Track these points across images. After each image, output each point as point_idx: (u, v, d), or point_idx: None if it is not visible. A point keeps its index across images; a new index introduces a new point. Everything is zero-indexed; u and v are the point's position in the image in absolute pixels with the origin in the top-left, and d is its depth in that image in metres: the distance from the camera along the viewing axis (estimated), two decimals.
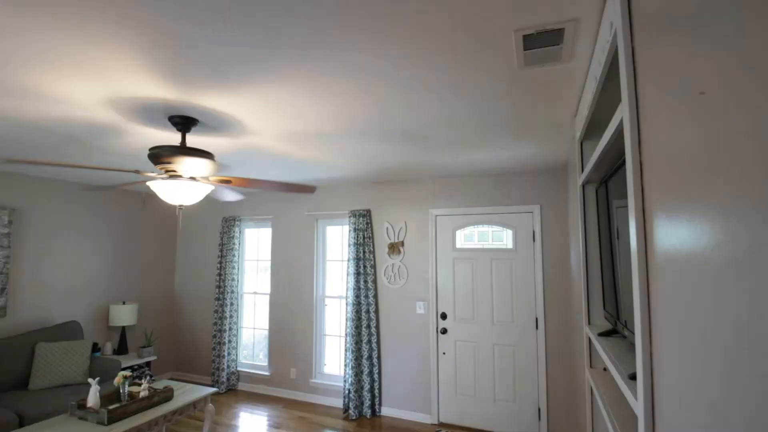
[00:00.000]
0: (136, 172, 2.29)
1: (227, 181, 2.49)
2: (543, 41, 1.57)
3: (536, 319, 3.66)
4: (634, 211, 0.99)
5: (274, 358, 4.84)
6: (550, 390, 3.58)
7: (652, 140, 0.88)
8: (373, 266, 4.29)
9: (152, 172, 2.63)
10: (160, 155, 2.23)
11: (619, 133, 1.29)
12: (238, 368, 5.04)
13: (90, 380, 2.84)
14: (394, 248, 4.24)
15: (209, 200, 5.47)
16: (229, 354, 4.92)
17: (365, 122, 2.39)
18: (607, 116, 1.78)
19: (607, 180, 1.83)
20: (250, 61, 1.65)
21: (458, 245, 4.01)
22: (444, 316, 4.00)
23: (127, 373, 3.00)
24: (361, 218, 4.33)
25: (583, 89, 1.99)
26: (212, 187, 2.42)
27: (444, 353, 3.97)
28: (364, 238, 4.31)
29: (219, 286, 5.05)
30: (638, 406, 1.00)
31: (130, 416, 2.78)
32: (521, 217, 3.79)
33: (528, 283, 3.71)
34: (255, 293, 5.22)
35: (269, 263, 5.02)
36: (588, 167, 1.96)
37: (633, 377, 1.17)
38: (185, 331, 5.44)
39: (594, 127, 2.02)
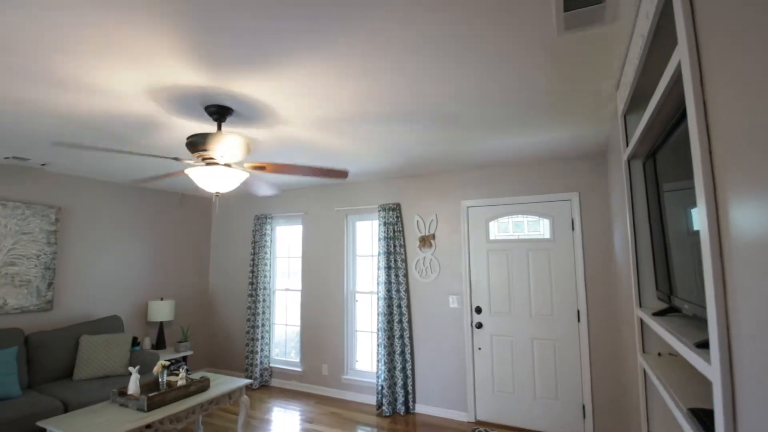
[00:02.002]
0: (176, 159, 2.33)
1: (261, 168, 2.51)
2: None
3: (578, 311, 3.49)
4: (702, 181, 0.88)
5: (306, 354, 4.84)
6: (595, 386, 3.40)
7: (718, 95, 0.79)
8: (404, 260, 4.23)
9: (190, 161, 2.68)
10: (197, 142, 2.27)
11: (671, 89, 1.19)
12: (271, 364, 5.07)
13: (130, 368, 2.91)
14: (425, 241, 4.17)
15: (242, 199, 5.58)
16: (262, 350, 4.96)
17: (396, 103, 2.35)
18: (654, 83, 1.66)
19: (655, 152, 1.72)
20: (285, 38, 1.64)
21: (492, 236, 3.90)
22: (479, 310, 3.88)
23: (166, 362, 3.05)
24: (390, 212, 4.28)
25: (626, 56, 1.88)
26: (247, 174, 2.44)
27: (480, 348, 3.85)
28: (394, 231, 4.26)
29: (252, 283, 5.11)
30: (712, 371, 0.90)
31: (168, 404, 2.82)
32: (558, 206, 3.64)
33: (568, 274, 3.55)
34: (287, 290, 5.26)
35: (300, 260, 5.05)
36: (634, 139, 1.84)
37: (701, 345, 1.07)
38: (219, 327, 5.53)
39: (639, 97, 1.91)
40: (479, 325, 3.85)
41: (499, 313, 3.80)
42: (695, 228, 1.18)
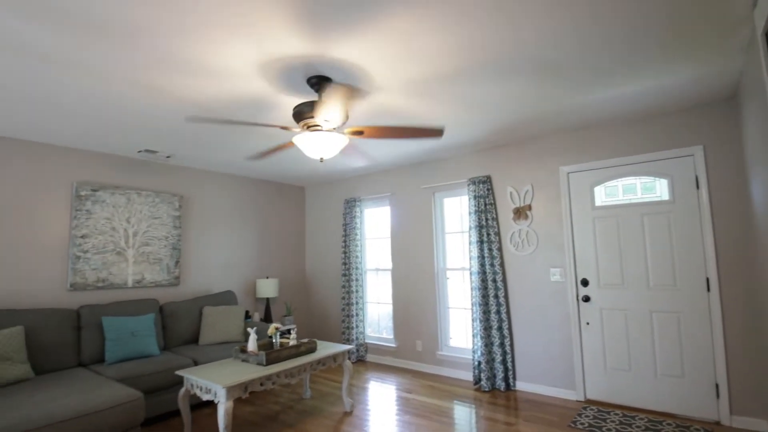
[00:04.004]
0: (284, 128, 2.50)
1: (360, 132, 2.58)
2: None
3: (707, 279, 3.09)
4: None
5: (399, 331, 4.92)
6: (731, 362, 2.98)
7: None
8: (497, 233, 4.09)
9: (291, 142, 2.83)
10: (303, 111, 2.42)
11: None
12: (366, 340, 5.24)
13: (249, 329, 3.19)
14: (521, 213, 3.99)
15: (332, 185, 5.83)
16: (357, 326, 5.15)
17: (495, 52, 2.26)
18: None
19: None
20: None
21: (598, 203, 3.60)
22: (585, 283, 3.61)
23: (278, 325, 3.30)
24: (481, 185, 4.16)
25: None
26: (347, 140, 2.53)
27: (588, 323, 3.59)
28: (485, 205, 4.14)
29: (345, 263, 5.32)
30: None
31: (282, 361, 3.04)
32: (678, 163, 3.25)
33: (693, 238, 3.16)
34: (377, 270, 5.39)
35: (389, 240, 5.14)
36: None
37: None
38: (316, 305, 5.86)
39: None
40: (586, 299, 3.59)
41: (609, 286, 3.50)
42: None
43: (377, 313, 5.39)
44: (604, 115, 3.34)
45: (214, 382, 2.58)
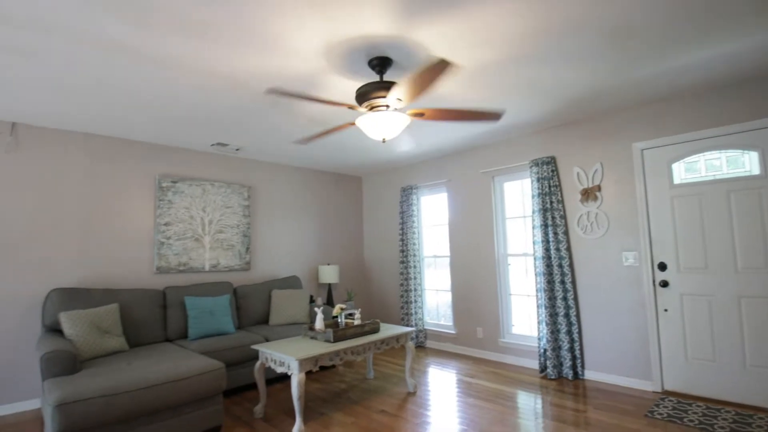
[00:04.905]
0: (350, 107, 2.57)
1: (421, 114, 2.60)
2: None
3: None
4: None
5: (459, 317, 4.89)
6: None
7: None
8: (563, 216, 3.93)
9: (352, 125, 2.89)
10: (366, 92, 2.47)
11: None
12: (425, 327, 5.27)
13: (316, 309, 3.34)
14: (589, 194, 3.80)
15: (388, 173, 5.90)
16: (415, 313, 5.19)
17: (570, 23, 2.17)
18: None
19: None
20: None
21: (677, 181, 3.35)
22: (662, 267, 3.38)
23: (343, 306, 3.42)
24: (544, 166, 4.02)
25: None
26: (409, 120, 2.56)
27: (666, 310, 3.36)
28: (550, 187, 3.99)
29: (402, 251, 5.38)
30: None
31: (348, 339, 3.15)
32: None
33: None
34: (435, 257, 5.39)
35: (446, 227, 5.11)
36: None
37: None
38: (374, 291, 5.98)
39: None
40: (664, 284, 3.36)
41: (690, 269, 3.25)
42: None
43: (435, 300, 5.39)
44: (681, 85, 3.09)
45: (287, 355, 2.74)
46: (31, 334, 3.43)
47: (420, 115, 2.64)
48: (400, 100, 2.42)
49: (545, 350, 3.91)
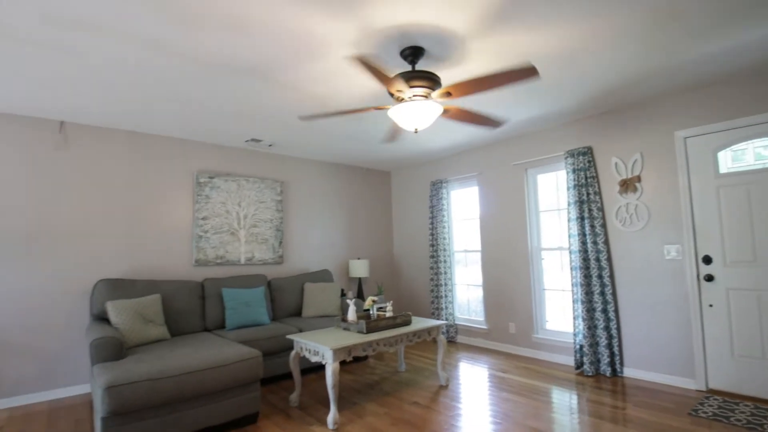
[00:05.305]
0: (377, 108, 2.59)
1: (448, 94, 2.55)
2: None
3: None
4: None
5: (491, 312, 4.83)
6: None
7: None
8: (601, 209, 3.81)
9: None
10: (410, 78, 2.45)
11: None
12: (456, 322, 5.24)
13: (348, 301, 3.38)
14: (628, 185, 3.67)
15: (417, 168, 5.88)
16: (446, 308, 5.17)
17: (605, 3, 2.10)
18: None
19: None
20: None
21: (723, 170, 3.19)
22: (707, 260, 3.23)
23: (375, 298, 3.45)
24: (580, 157, 3.91)
25: None
26: (441, 108, 2.54)
27: (711, 305, 3.21)
28: (586, 178, 3.87)
29: (432, 245, 5.36)
30: None
31: (380, 330, 3.18)
32: None
33: None
34: (465, 251, 5.34)
35: (477, 221, 5.05)
36: None
37: None
38: (404, 286, 5.99)
39: None
40: (709, 278, 3.21)
41: (737, 263, 3.09)
42: None
43: (466, 295, 5.35)
44: (728, 69, 2.93)
45: (322, 345, 2.79)
46: (81, 322, 3.63)
47: (447, 95, 2.58)
48: (450, 94, 2.40)
49: (581, 346, 3.82)
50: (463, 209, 5.42)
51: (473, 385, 3.53)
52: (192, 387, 2.57)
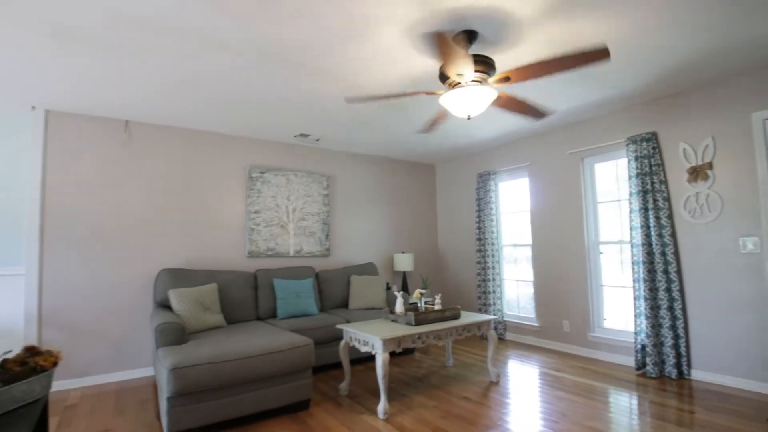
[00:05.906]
0: (428, 93, 2.54)
1: (506, 78, 2.46)
2: None
3: None
4: None
5: (542, 309, 4.65)
6: None
7: None
8: (667, 198, 3.55)
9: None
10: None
11: None
12: (504, 318, 5.09)
13: (396, 293, 3.37)
14: (699, 173, 3.38)
15: (463, 159, 5.76)
16: (494, 304, 5.03)
17: None
18: None
19: None
20: None
21: None
22: None
23: (423, 291, 3.41)
24: (644, 143, 3.65)
25: None
26: (495, 94, 2.45)
27: None
28: (650, 166, 3.61)
29: (479, 239, 5.23)
30: None
31: (429, 323, 3.14)
32: None
33: None
34: (515, 245, 5.17)
35: (528, 214, 4.87)
36: None
37: None
38: (449, 280, 5.90)
39: None
40: None
41: None
42: None
43: (515, 291, 5.18)
44: None
45: (372, 335, 2.80)
46: (145, 309, 3.87)
47: (506, 79, 2.49)
48: (509, 78, 2.32)
49: (643, 346, 3.58)
50: (512, 202, 5.25)
51: (525, 382, 3.41)
52: (248, 371, 2.66)
